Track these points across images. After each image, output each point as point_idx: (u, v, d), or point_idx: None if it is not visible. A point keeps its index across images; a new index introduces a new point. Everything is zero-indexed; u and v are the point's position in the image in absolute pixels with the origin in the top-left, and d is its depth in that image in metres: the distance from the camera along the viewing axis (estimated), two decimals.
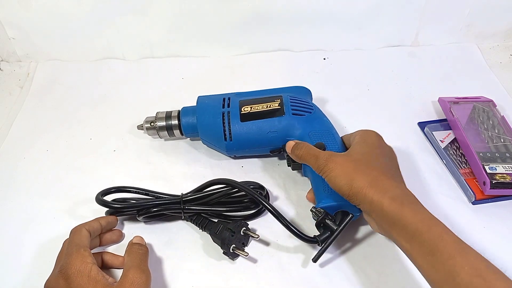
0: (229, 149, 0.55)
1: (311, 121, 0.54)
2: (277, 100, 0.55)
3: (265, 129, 0.53)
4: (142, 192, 0.51)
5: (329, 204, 0.46)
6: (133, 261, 0.43)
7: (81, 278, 0.39)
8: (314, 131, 0.53)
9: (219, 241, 0.47)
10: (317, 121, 0.54)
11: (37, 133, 0.64)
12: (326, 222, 0.45)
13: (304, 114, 0.54)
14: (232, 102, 0.56)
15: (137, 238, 0.48)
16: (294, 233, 0.45)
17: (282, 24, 0.73)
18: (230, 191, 0.48)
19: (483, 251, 0.47)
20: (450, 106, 0.60)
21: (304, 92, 0.60)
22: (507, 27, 0.77)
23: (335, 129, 0.54)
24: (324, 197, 0.47)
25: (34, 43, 0.74)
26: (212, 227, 0.48)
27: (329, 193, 0.46)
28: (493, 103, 0.62)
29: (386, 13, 0.73)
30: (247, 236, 0.49)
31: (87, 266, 0.40)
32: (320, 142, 0.51)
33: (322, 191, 0.47)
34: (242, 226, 0.47)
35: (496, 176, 0.50)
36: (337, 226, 0.45)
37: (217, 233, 0.47)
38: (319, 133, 0.53)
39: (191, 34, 0.74)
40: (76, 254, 0.41)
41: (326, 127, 0.54)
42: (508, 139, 0.55)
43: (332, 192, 0.46)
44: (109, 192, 0.50)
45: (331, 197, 0.46)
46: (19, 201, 0.55)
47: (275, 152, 0.56)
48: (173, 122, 0.58)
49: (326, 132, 0.53)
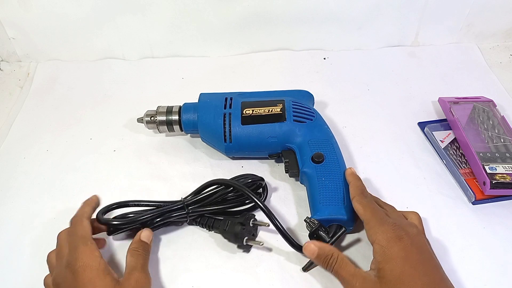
0: (228, 151, 0.55)
1: (312, 128, 0.54)
2: (279, 104, 0.55)
3: (266, 134, 0.54)
4: (143, 204, 0.50)
5: (324, 217, 0.46)
6: (137, 262, 0.43)
7: (90, 272, 0.39)
8: (314, 140, 0.53)
9: (231, 237, 0.47)
10: (317, 129, 0.54)
11: (37, 133, 0.64)
12: (319, 233, 0.45)
13: (305, 121, 0.54)
14: (234, 103, 0.56)
15: (145, 233, 0.46)
16: (288, 240, 0.46)
17: (282, 24, 0.73)
18: (226, 190, 0.49)
19: (483, 251, 0.48)
20: (450, 106, 0.60)
21: (306, 96, 0.60)
22: (507, 27, 0.77)
23: (334, 138, 0.54)
24: (319, 209, 0.47)
25: (34, 43, 0.74)
26: (220, 224, 0.48)
27: (325, 205, 0.47)
28: (493, 103, 0.62)
29: (386, 13, 0.73)
30: (256, 227, 0.49)
31: (95, 260, 0.40)
32: (319, 152, 0.51)
33: (318, 203, 0.48)
34: (250, 218, 0.48)
35: (496, 176, 0.50)
36: (330, 238, 0.45)
37: (226, 229, 0.47)
38: (319, 142, 0.53)
39: (191, 34, 0.74)
40: (83, 247, 0.40)
41: (326, 136, 0.54)
42: (508, 139, 0.55)
43: (328, 204, 0.47)
44: (110, 209, 0.48)
45: (326, 210, 0.47)
46: (19, 201, 0.55)
47: (274, 156, 0.56)
48: (174, 117, 0.57)
49: (325, 142, 0.53)
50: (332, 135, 0.55)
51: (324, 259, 0.42)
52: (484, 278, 0.46)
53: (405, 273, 0.38)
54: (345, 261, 0.41)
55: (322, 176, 0.49)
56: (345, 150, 0.55)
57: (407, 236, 0.40)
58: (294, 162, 0.53)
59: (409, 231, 0.41)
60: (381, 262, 0.39)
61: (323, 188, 0.48)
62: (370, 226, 0.42)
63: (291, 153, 0.54)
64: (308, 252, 0.43)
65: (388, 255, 0.39)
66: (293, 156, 0.53)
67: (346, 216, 0.46)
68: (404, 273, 0.38)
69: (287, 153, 0.54)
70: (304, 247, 0.43)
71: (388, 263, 0.39)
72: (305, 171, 0.51)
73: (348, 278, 0.40)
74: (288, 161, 0.53)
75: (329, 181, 0.49)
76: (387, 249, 0.39)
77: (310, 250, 0.43)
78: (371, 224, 0.42)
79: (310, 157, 0.51)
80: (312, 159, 0.51)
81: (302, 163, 0.52)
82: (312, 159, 0.51)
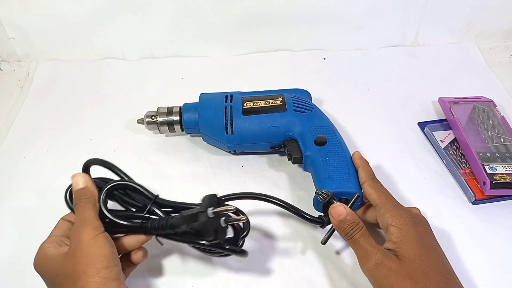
0: (229, 143, 0.55)
1: (312, 118, 0.55)
2: (279, 97, 0.56)
3: (267, 123, 0.54)
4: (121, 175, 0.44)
5: (333, 190, 0.45)
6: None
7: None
8: (315, 127, 0.53)
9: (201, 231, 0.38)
10: (317, 118, 0.55)
11: (37, 133, 0.64)
12: (334, 203, 0.44)
13: (305, 111, 0.55)
14: (234, 99, 0.56)
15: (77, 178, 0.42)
16: (300, 215, 0.44)
17: (282, 24, 0.73)
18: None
19: (483, 251, 0.48)
20: (450, 106, 0.60)
21: (304, 94, 0.61)
22: (507, 27, 0.77)
23: (335, 126, 0.55)
24: (327, 184, 0.47)
25: (34, 43, 0.74)
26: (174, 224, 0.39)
27: (332, 180, 0.47)
28: (493, 103, 0.62)
29: (386, 13, 0.73)
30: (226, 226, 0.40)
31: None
32: (321, 135, 0.51)
33: (325, 179, 0.47)
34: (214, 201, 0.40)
35: (496, 176, 0.50)
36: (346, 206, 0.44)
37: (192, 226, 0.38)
38: (320, 128, 0.53)
39: (191, 34, 0.74)
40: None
41: (326, 124, 0.55)
42: (508, 139, 0.55)
43: (335, 179, 0.47)
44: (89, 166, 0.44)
45: (334, 183, 0.46)
46: (19, 201, 0.55)
47: (275, 148, 0.56)
48: (174, 117, 0.58)
49: (326, 128, 0.53)
50: (332, 123, 0.55)
51: (350, 224, 0.41)
52: (484, 278, 0.46)
53: (422, 254, 0.39)
54: (368, 233, 0.41)
55: (326, 156, 0.49)
56: None
57: (421, 224, 0.42)
58: (296, 148, 0.53)
59: (422, 220, 0.43)
60: (398, 242, 0.40)
61: (329, 166, 0.48)
62: (386, 209, 0.42)
63: (293, 141, 0.54)
64: (335, 213, 0.42)
65: (406, 236, 0.40)
66: (295, 144, 0.53)
67: (354, 189, 0.46)
68: (422, 254, 0.39)
69: (289, 142, 0.54)
70: (333, 207, 0.42)
71: (406, 244, 0.39)
72: (309, 155, 0.51)
73: (370, 249, 0.39)
74: (290, 148, 0.53)
75: (333, 160, 0.49)
76: (404, 231, 0.40)
77: (338, 211, 0.42)
78: (387, 207, 0.42)
79: (312, 141, 0.51)
80: (315, 142, 0.51)
81: (305, 148, 0.52)
82: (315, 142, 0.51)
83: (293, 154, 0.52)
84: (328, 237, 0.44)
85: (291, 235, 0.50)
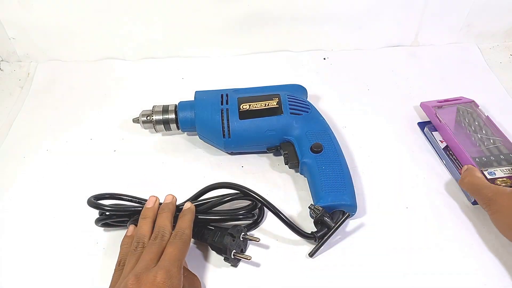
0: (227, 146, 0.56)
1: (308, 120, 0.55)
2: (275, 98, 0.56)
3: (264, 128, 0.54)
4: (136, 201, 0.49)
5: (327, 204, 0.47)
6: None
7: None
8: (312, 131, 0.54)
9: (220, 248, 0.46)
10: (314, 120, 0.56)
11: (37, 133, 0.64)
12: (324, 220, 0.46)
13: (301, 113, 0.55)
14: (230, 99, 0.56)
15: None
16: (293, 229, 0.47)
17: (282, 24, 0.73)
18: (222, 200, 0.47)
19: (483, 251, 0.48)
20: (435, 112, 0.59)
21: (300, 90, 0.61)
22: (507, 27, 0.77)
23: (331, 129, 0.55)
24: (322, 196, 0.48)
25: (34, 43, 0.74)
26: (209, 235, 0.47)
27: (327, 192, 0.48)
28: (475, 103, 0.61)
29: (386, 13, 0.73)
30: (246, 241, 0.48)
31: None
32: (317, 142, 0.52)
33: (320, 190, 0.49)
34: (241, 231, 0.46)
35: (497, 181, 0.50)
36: (334, 223, 0.46)
37: (215, 240, 0.46)
38: (317, 133, 0.54)
39: (191, 34, 0.74)
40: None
41: (322, 127, 0.55)
42: (498, 139, 0.55)
43: (330, 191, 0.48)
44: (103, 198, 0.48)
45: (329, 197, 0.48)
46: (19, 201, 0.55)
47: (272, 149, 0.57)
48: (170, 116, 0.58)
49: (323, 133, 0.54)
50: (328, 126, 0.56)
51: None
52: (484, 278, 0.46)
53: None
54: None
55: (322, 165, 0.50)
56: (345, 150, 0.55)
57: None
58: (293, 154, 0.54)
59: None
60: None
61: (324, 176, 0.49)
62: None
63: (290, 145, 0.55)
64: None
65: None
66: (291, 148, 0.54)
67: (349, 201, 0.48)
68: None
69: (285, 145, 0.55)
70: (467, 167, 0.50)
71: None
72: (305, 162, 0.52)
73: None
74: (287, 153, 0.54)
75: (329, 169, 0.50)
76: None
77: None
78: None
79: (309, 147, 0.52)
80: (311, 149, 0.52)
81: (301, 154, 0.53)
82: (311, 149, 0.52)
83: (290, 159, 0.53)
84: (317, 250, 0.46)
85: (290, 234, 0.50)
